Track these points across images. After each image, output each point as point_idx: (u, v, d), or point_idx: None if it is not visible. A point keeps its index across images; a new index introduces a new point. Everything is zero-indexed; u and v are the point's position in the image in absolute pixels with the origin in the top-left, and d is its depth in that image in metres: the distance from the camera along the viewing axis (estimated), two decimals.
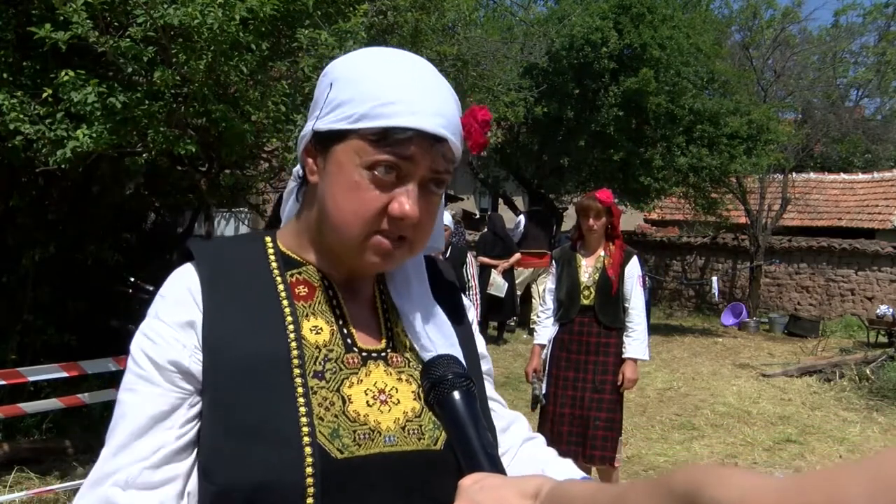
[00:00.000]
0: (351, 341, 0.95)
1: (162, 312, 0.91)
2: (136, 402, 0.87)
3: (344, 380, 0.92)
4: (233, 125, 3.70)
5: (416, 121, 0.87)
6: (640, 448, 5.67)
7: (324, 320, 0.95)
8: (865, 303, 12.62)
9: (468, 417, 0.82)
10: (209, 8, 3.33)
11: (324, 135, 0.93)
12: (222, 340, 0.88)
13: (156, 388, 0.88)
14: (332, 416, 0.88)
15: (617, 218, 4.12)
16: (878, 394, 7.57)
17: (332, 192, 0.92)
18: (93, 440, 4.91)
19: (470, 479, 0.76)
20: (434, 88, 0.92)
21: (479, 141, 0.95)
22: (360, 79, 0.91)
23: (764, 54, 14.54)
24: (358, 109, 0.89)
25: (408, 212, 0.89)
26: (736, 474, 0.51)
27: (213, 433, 0.86)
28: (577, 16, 10.33)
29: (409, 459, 0.90)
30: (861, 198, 15.66)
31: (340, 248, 0.94)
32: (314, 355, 0.91)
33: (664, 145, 10.81)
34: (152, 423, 0.87)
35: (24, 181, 5.04)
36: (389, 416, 0.92)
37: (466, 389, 0.84)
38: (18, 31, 3.74)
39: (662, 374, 8.47)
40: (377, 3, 4.16)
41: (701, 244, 14.61)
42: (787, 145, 12.83)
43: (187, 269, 0.95)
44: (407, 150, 0.88)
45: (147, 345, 0.90)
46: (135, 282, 6.78)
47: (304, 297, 0.96)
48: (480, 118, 0.94)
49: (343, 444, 0.88)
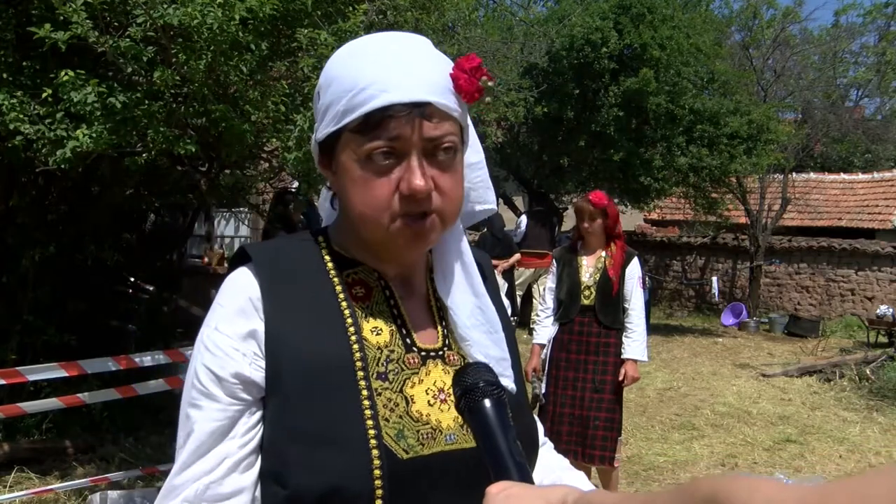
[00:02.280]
0: (410, 341, 0.96)
1: (222, 324, 0.91)
2: (200, 418, 0.88)
3: (406, 380, 0.93)
4: (233, 125, 3.70)
5: (390, 97, 0.87)
6: (641, 448, 5.67)
7: (383, 321, 0.96)
8: (865, 303, 12.62)
9: (498, 425, 0.83)
10: (209, 8, 3.32)
11: (324, 142, 0.94)
12: (286, 346, 0.89)
13: (217, 404, 0.88)
14: (397, 417, 0.89)
15: (613, 219, 4.10)
16: (878, 394, 7.57)
17: (346, 194, 0.93)
18: (93, 440, 4.92)
19: (497, 486, 0.76)
20: (406, 57, 0.90)
21: (469, 90, 0.91)
22: (336, 77, 0.92)
23: (764, 54, 14.54)
24: (340, 107, 0.90)
25: (415, 186, 0.88)
26: (761, 484, 0.51)
27: (280, 438, 0.87)
28: (577, 16, 10.32)
29: (468, 457, 0.91)
30: (861, 198, 15.65)
31: (374, 242, 0.95)
32: (376, 356, 0.92)
33: (664, 145, 10.80)
34: (215, 437, 0.88)
35: (24, 181, 5.04)
36: (449, 414, 0.93)
37: (497, 398, 0.85)
38: (18, 31, 3.74)
39: (662, 374, 8.46)
40: (377, 3, 4.16)
41: (701, 244, 14.60)
42: (787, 145, 12.82)
43: (245, 274, 0.94)
44: (391, 129, 0.87)
45: (208, 358, 0.90)
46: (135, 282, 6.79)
47: (361, 297, 0.96)
48: (468, 66, 0.91)
49: (408, 444, 0.89)
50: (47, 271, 5.13)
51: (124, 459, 4.65)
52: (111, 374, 4.13)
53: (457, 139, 0.92)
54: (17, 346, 4.87)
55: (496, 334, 1.01)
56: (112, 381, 4.35)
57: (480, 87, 0.92)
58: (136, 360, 4.08)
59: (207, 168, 4.91)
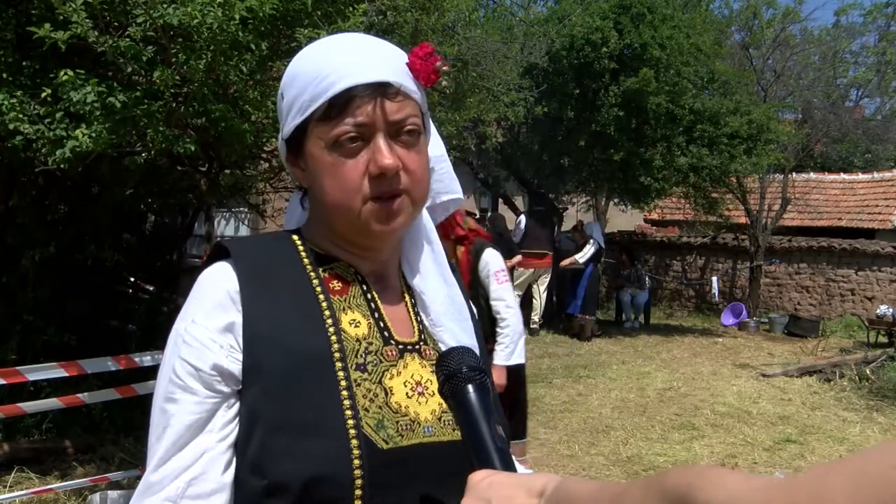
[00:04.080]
0: (388, 334, 0.97)
1: (199, 316, 0.91)
2: (177, 411, 0.88)
3: (384, 372, 0.94)
4: (232, 125, 3.70)
5: (351, 80, 0.90)
6: (641, 448, 5.67)
7: (360, 314, 0.97)
8: (865, 303, 12.62)
9: (481, 411, 0.83)
10: (209, 8, 3.32)
11: (291, 139, 0.96)
12: (265, 338, 0.90)
13: (194, 396, 0.88)
14: (376, 408, 0.91)
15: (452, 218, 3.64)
16: (878, 394, 7.57)
17: (318, 184, 0.95)
18: (93, 440, 4.92)
19: (479, 475, 0.77)
20: (364, 46, 0.95)
21: (425, 71, 0.94)
22: (298, 73, 0.95)
23: (764, 54, 14.53)
24: (305, 97, 0.92)
25: (383, 164, 0.90)
26: (727, 476, 0.51)
27: (259, 430, 0.87)
28: (577, 16, 10.32)
29: (446, 449, 0.93)
30: (861, 198, 15.66)
31: (347, 230, 0.97)
32: (355, 348, 0.93)
33: (664, 145, 10.79)
34: (193, 431, 0.88)
35: (24, 181, 5.04)
36: (426, 407, 0.94)
37: (480, 383, 0.85)
38: (18, 31, 3.74)
39: (662, 374, 8.46)
40: (377, 3, 4.16)
41: (701, 244, 14.60)
42: (787, 145, 12.82)
43: (223, 268, 0.95)
44: (355, 111, 0.90)
45: (186, 351, 0.90)
46: (135, 282, 6.78)
47: (338, 291, 0.98)
48: (421, 53, 0.95)
49: (388, 434, 0.90)
50: (47, 271, 5.13)
51: (124, 459, 4.65)
52: (111, 374, 4.13)
53: (419, 122, 0.95)
54: (17, 346, 4.87)
55: (466, 322, 1.03)
56: (112, 381, 4.35)
57: (436, 69, 0.95)
58: (136, 360, 4.08)
59: (207, 168, 4.91)
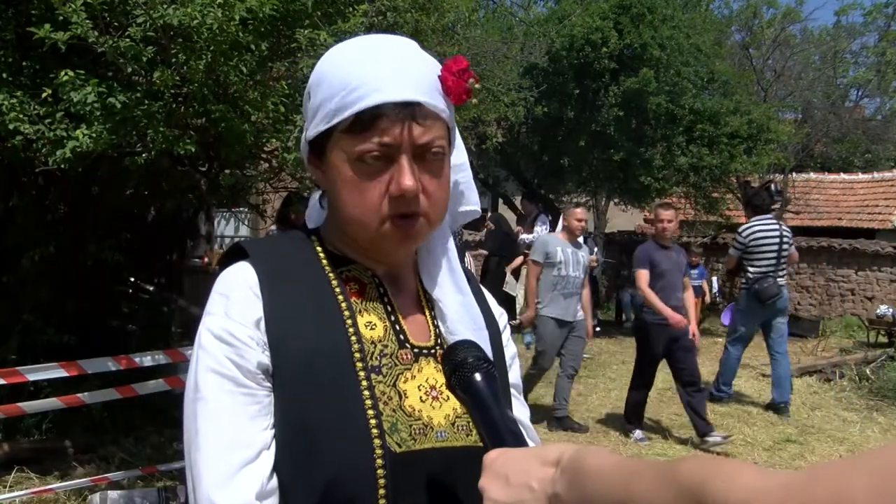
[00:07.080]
0: (403, 337, 0.97)
1: (233, 312, 0.90)
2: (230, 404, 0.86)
3: (399, 375, 0.93)
4: (232, 125, 3.70)
5: (381, 96, 0.88)
6: (641, 448, 5.67)
7: (376, 316, 0.96)
8: (865, 303, 12.61)
9: (490, 398, 0.84)
10: (209, 8, 3.32)
11: (315, 142, 0.95)
12: (286, 337, 0.89)
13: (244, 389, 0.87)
14: (390, 411, 0.90)
15: None
16: (878, 394, 7.56)
17: (336, 194, 0.94)
18: (93, 440, 4.92)
19: (493, 453, 0.77)
20: (395, 58, 0.91)
21: (457, 91, 0.92)
22: (327, 77, 0.92)
23: (764, 54, 14.54)
24: (331, 106, 0.90)
25: (404, 187, 0.89)
26: (744, 471, 0.50)
27: (281, 429, 0.87)
28: (577, 16, 10.32)
29: (459, 455, 0.92)
30: (861, 198, 15.65)
31: (363, 241, 0.96)
32: (371, 350, 0.93)
33: (664, 145, 10.80)
34: (254, 423, 0.86)
35: (24, 181, 5.04)
36: (440, 412, 0.94)
37: (487, 371, 0.86)
38: (18, 31, 3.73)
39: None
40: (377, 4, 4.16)
41: (701, 244, 14.59)
42: (787, 145, 12.83)
43: (243, 266, 0.94)
44: (381, 131, 0.88)
45: (228, 350, 0.88)
46: (135, 282, 6.78)
47: (355, 293, 0.97)
48: (455, 68, 0.92)
49: (401, 438, 0.89)
50: (47, 271, 5.13)
51: (124, 459, 4.65)
52: (111, 374, 4.12)
53: (445, 143, 0.93)
54: (17, 346, 4.86)
55: (481, 331, 1.02)
56: (112, 381, 4.34)
57: (468, 88, 0.93)
58: (136, 360, 4.07)
59: (207, 168, 4.90)
